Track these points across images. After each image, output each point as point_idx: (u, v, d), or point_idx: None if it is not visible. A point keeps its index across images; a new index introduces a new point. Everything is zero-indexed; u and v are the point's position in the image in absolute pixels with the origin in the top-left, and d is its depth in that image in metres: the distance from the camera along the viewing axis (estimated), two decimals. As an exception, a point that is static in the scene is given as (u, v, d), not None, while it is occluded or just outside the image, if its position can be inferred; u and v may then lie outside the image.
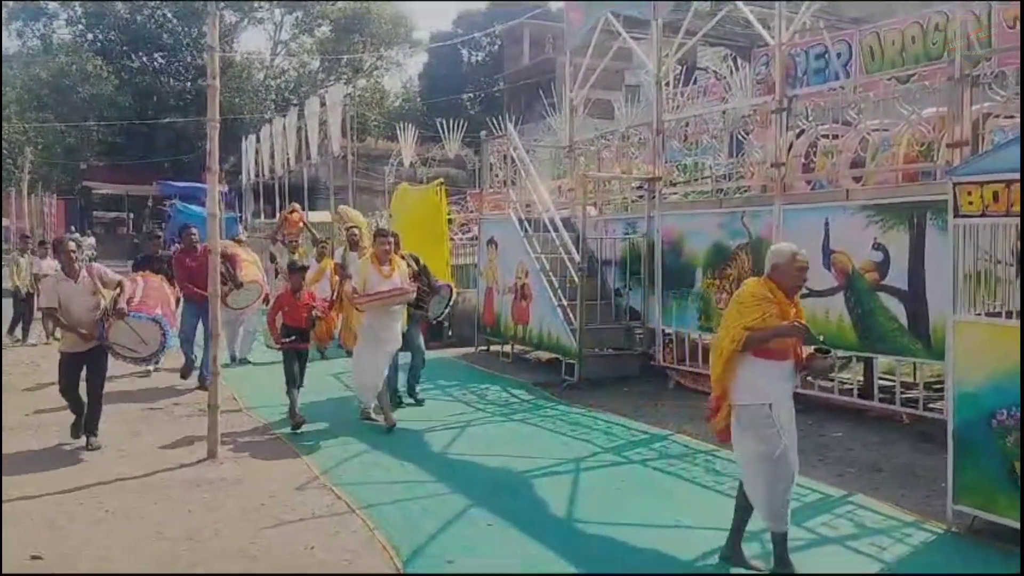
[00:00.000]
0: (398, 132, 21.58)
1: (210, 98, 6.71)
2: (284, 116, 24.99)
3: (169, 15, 42.91)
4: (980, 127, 7.10)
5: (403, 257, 8.06)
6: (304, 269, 8.09)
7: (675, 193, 10.60)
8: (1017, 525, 4.48)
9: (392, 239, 7.83)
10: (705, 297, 9.21)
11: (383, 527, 5.03)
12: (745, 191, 9.56)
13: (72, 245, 6.94)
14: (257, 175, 27.72)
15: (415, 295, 7.81)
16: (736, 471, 6.13)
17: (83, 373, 6.90)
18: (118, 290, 6.84)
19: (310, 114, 21.46)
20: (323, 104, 20.73)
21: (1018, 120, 7.06)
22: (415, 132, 21.36)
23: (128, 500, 5.59)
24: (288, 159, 23.55)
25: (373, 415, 7.77)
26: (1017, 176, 4.40)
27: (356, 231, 11.39)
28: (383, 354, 7.55)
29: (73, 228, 33.31)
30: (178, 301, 9.71)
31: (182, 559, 4.61)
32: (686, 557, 4.59)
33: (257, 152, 27.49)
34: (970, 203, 4.66)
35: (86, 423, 6.90)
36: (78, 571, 4.48)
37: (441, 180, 13.32)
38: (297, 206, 13.33)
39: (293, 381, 7.57)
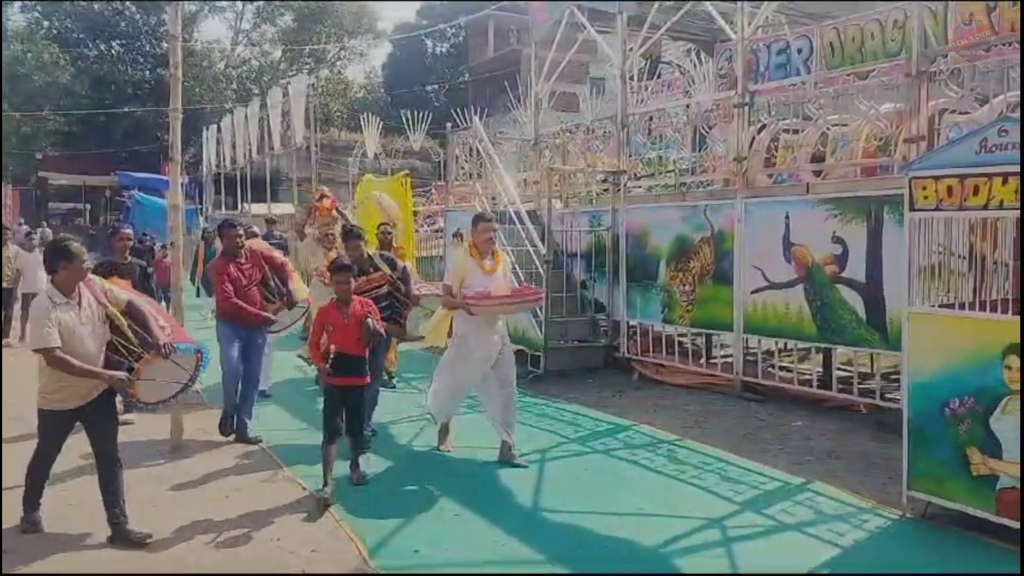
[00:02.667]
0: (362, 123, 21.49)
1: (172, 87, 6.64)
2: (246, 106, 24.73)
3: (127, 2, 42.13)
4: (936, 123, 7.26)
5: (382, 255, 6.91)
6: (348, 269, 5.77)
7: (639, 187, 10.71)
8: (969, 510, 4.63)
9: (496, 225, 6.40)
10: (668, 290, 9.32)
11: (349, 519, 5.04)
12: (708, 185, 9.68)
13: (76, 247, 4.65)
14: (218, 166, 27.41)
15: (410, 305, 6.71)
16: (698, 460, 6.26)
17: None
18: (125, 312, 4.85)
19: (272, 104, 21.26)
20: (286, 94, 20.55)
21: (972, 115, 7.24)
22: (379, 123, 21.28)
23: (91, 494, 5.51)
24: (250, 150, 23.31)
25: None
26: (970, 171, 4.52)
27: (390, 229, 9.36)
28: (475, 372, 6.25)
29: (22, 221, 32.58)
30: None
31: (147, 553, 4.58)
32: (649, 544, 4.66)
33: (218, 143, 27.19)
34: (925, 197, 4.78)
35: (108, 502, 4.80)
36: (36, 569, 4.43)
37: (406, 172, 13.31)
38: (326, 190, 10.12)
39: (335, 433, 5.54)
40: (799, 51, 10.94)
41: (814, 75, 9.92)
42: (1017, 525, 4.38)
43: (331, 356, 5.42)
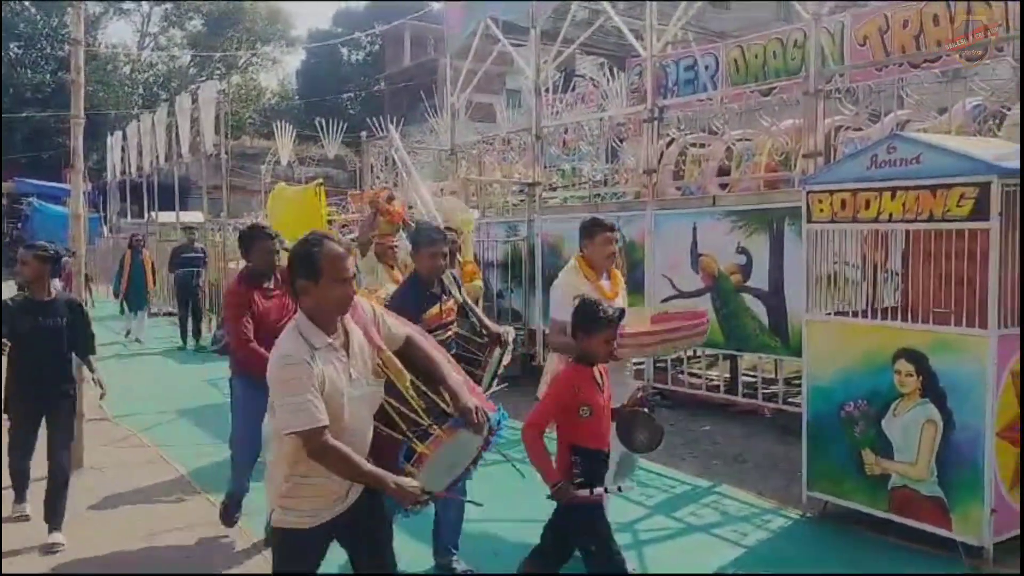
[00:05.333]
0: (275, 131, 21.16)
1: (74, 93, 6.44)
2: (153, 112, 24.03)
3: (26, 2, 40.43)
4: (832, 139, 7.62)
5: (455, 279, 4.87)
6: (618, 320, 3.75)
7: (554, 197, 10.86)
8: (864, 509, 4.87)
9: (618, 235, 4.82)
10: (582, 298, 9.45)
11: (263, 533, 4.96)
12: (620, 196, 9.89)
13: (327, 251, 2.76)
14: (123, 173, 26.52)
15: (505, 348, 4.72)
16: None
17: None
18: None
19: (181, 110, 20.69)
20: (195, 100, 20.05)
21: (865, 132, 7.62)
22: (293, 131, 20.99)
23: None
24: (157, 157, 22.64)
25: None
26: (861, 186, 4.77)
27: (455, 236, 6.96)
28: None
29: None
30: None
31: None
32: (563, 550, 4.74)
33: (123, 149, 26.30)
34: (821, 210, 5.01)
35: None
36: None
37: (320, 180, 13.16)
38: (391, 190, 7.57)
39: None
40: (706, 67, 11.30)
41: (720, 91, 10.27)
42: (910, 522, 4.63)
43: (576, 458, 3.54)
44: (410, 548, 4.41)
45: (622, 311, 3.84)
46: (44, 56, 40.98)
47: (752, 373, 8.33)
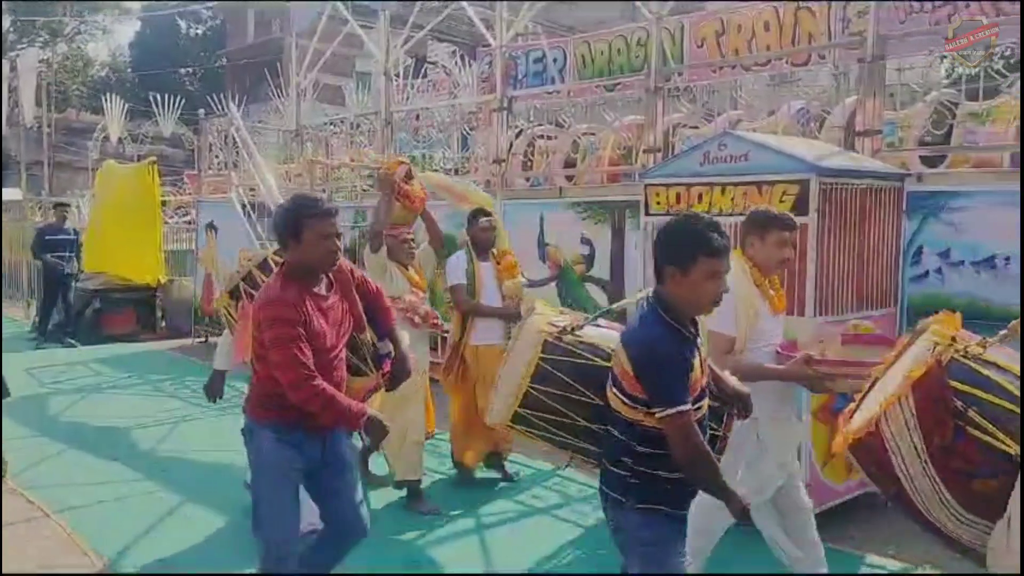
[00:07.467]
0: (104, 104, 19.91)
1: None
2: (-36, 78, 22.01)
3: None
4: (671, 135, 7.95)
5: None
6: None
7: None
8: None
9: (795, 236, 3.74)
10: (433, 288, 9.43)
11: (83, 531, 4.68)
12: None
13: None
14: (-71, 144, 24.16)
15: None
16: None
17: None
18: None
19: (-3, 78, 19.08)
20: (14, 68, 18.54)
21: (700, 130, 7.99)
22: (124, 106, 19.82)
23: None
24: (-31, 127, 20.76)
25: None
26: (694, 180, 5.01)
27: (493, 222, 5.97)
28: (768, 486, 3.60)
29: None
30: None
31: None
32: (404, 537, 4.73)
33: (-71, 117, 23.95)
34: (658, 203, 5.22)
35: None
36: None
37: (154, 159, 12.50)
38: (410, 165, 6.29)
39: None
40: (555, 61, 11.51)
41: (568, 84, 10.50)
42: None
43: None
44: None
45: None
46: None
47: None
